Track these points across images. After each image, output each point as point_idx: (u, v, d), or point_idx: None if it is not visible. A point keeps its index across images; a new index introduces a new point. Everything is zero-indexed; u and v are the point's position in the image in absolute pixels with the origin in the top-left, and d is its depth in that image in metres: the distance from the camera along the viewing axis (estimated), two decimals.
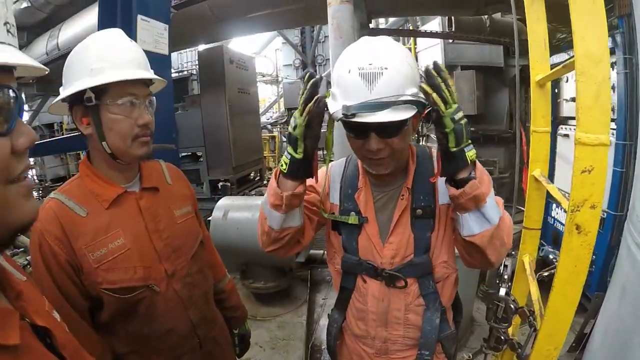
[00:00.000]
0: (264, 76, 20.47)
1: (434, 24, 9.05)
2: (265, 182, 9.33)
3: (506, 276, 2.03)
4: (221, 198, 5.47)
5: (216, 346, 1.95)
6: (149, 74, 1.59)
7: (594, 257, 3.87)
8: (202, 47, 9.03)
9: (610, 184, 3.82)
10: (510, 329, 2.10)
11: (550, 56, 2.37)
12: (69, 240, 1.48)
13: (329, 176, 1.74)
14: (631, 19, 3.49)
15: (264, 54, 20.74)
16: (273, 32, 17.79)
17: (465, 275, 3.66)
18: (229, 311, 2.20)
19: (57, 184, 10.04)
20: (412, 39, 10.67)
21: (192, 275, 1.79)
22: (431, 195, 1.55)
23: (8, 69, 0.75)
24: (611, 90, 3.71)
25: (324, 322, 1.67)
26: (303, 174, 1.44)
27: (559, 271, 1.61)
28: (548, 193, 2.27)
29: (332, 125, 1.50)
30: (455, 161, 1.28)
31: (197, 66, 9.44)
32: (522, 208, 2.63)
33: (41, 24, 8.00)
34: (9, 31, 1.64)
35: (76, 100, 1.51)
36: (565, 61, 1.85)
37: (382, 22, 12.91)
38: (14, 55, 0.74)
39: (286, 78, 18.11)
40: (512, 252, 2.49)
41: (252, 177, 9.57)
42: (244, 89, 8.48)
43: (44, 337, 0.90)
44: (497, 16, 7.29)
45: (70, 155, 13.21)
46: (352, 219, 1.59)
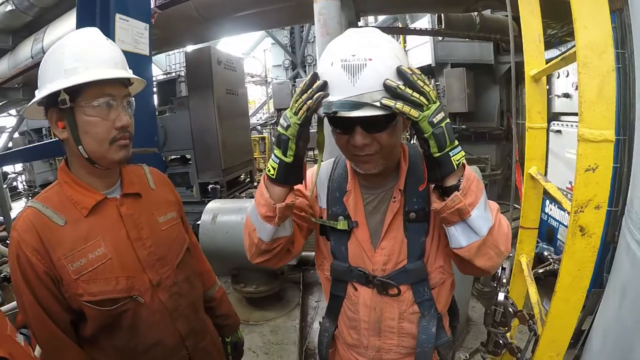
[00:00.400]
0: (252, 77, 20.42)
1: (424, 21, 9.04)
2: (256, 183, 9.26)
3: (504, 279, 1.97)
4: (211, 201, 5.40)
5: (207, 357, 1.91)
6: (126, 73, 1.53)
7: None
8: (190, 48, 8.94)
9: None
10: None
11: None
12: (47, 251, 1.43)
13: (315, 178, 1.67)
14: (623, 14, 3.48)
15: (253, 54, 20.72)
16: (262, 33, 17.83)
17: (461, 275, 3.61)
18: (220, 319, 2.15)
19: None
20: (401, 37, 10.67)
21: (179, 285, 1.74)
22: (425, 197, 1.46)
23: None
24: None
25: (317, 325, 1.65)
26: (292, 180, 1.36)
27: (562, 276, 1.54)
28: (544, 190, 2.22)
29: (323, 123, 1.42)
30: (440, 167, 1.20)
31: (185, 67, 9.37)
32: (518, 206, 2.58)
33: (26, 27, 7.91)
34: None
35: (51, 103, 1.46)
36: (562, 54, 1.78)
37: (372, 21, 12.95)
38: None
39: (276, 79, 18.07)
40: (510, 255, 2.43)
41: (242, 179, 9.48)
42: (232, 90, 8.40)
43: None
44: (488, 13, 7.27)
45: (59, 160, 13.09)
46: (341, 224, 1.52)
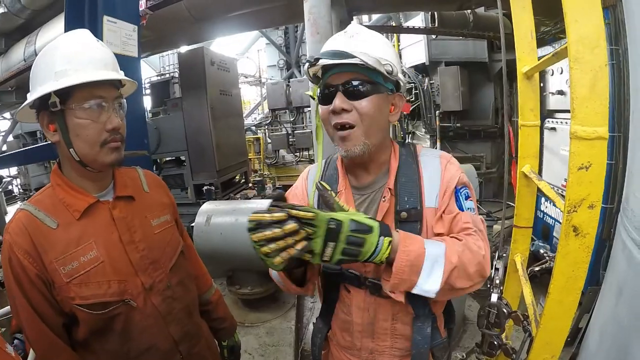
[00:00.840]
0: (247, 77, 20.38)
1: (417, 19, 9.06)
2: (250, 184, 9.23)
3: (497, 280, 1.95)
4: (205, 202, 5.38)
5: None
6: (117, 74, 1.51)
7: None
8: (184, 49, 8.91)
9: None
10: (505, 332, 2.03)
11: None
12: (38, 254, 1.42)
13: (307, 181, 1.69)
14: (617, 10, 3.48)
15: (247, 55, 20.68)
16: (256, 33, 17.80)
17: None
18: (217, 323, 2.13)
19: None
20: (395, 36, 10.68)
21: (172, 288, 1.72)
22: (417, 196, 1.45)
23: None
24: None
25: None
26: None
27: (555, 277, 1.51)
28: (538, 189, 2.20)
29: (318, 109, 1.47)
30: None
31: (178, 69, 9.35)
32: (512, 204, 2.57)
33: (19, 30, 7.87)
34: None
35: (42, 105, 1.45)
36: (555, 50, 1.76)
37: (366, 20, 12.94)
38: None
39: (270, 79, 18.06)
40: (503, 255, 2.42)
41: (237, 180, 9.46)
42: (226, 90, 8.36)
43: None
44: (481, 10, 7.27)
45: (54, 164, 13.02)
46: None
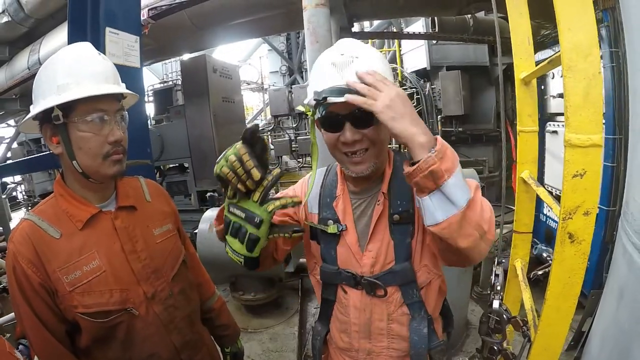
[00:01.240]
0: (249, 84, 20.41)
1: (418, 25, 9.07)
2: None
3: (498, 286, 1.96)
4: (209, 209, 5.40)
5: None
6: (118, 87, 1.53)
7: None
8: (186, 56, 8.95)
9: (602, 179, 3.79)
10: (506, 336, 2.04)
11: (535, 53, 2.32)
12: (42, 263, 1.44)
13: (307, 186, 1.70)
14: (616, 12, 3.48)
15: (249, 62, 20.71)
16: (258, 40, 17.81)
17: (458, 277, 3.62)
18: (220, 330, 2.14)
19: None
20: (396, 41, 10.70)
21: (174, 297, 1.73)
22: (409, 199, 1.47)
23: None
24: None
25: None
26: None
27: (552, 284, 1.52)
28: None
29: (314, 126, 1.47)
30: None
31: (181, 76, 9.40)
32: (513, 207, 2.57)
33: (22, 38, 7.91)
34: None
35: (45, 118, 1.47)
36: (550, 57, 1.78)
37: (367, 25, 12.97)
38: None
39: (273, 85, 18.08)
40: (503, 260, 2.43)
41: None
42: (228, 97, 8.39)
43: None
44: (481, 15, 7.28)
45: (58, 171, 13.06)
46: (331, 228, 1.54)
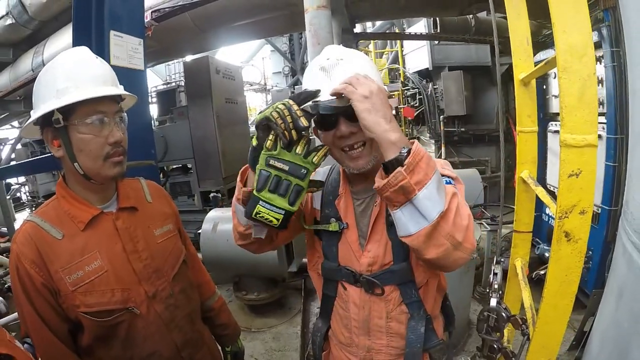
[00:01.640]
0: (252, 85, 20.46)
1: (420, 25, 9.08)
2: None
3: (496, 285, 1.97)
4: (212, 210, 5.42)
5: None
6: (116, 90, 1.56)
7: (590, 252, 3.85)
8: (189, 57, 8.98)
9: (604, 179, 3.80)
10: (506, 336, 2.05)
11: (536, 53, 2.33)
12: (44, 264, 1.47)
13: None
14: (617, 11, 3.48)
15: (252, 63, 20.78)
16: (261, 41, 17.86)
17: (460, 277, 3.64)
18: (220, 329, 2.16)
19: None
20: (398, 42, 10.72)
21: (175, 296, 1.76)
22: None
23: None
24: (600, 84, 3.70)
25: None
26: None
27: (549, 282, 1.54)
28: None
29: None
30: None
31: (184, 77, 9.43)
32: (514, 207, 2.58)
33: (26, 41, 7.95)
34: None
35: (46, 122, 1.49)
36: (545, 59, 1.79)
37: (370, 26, 12.98)
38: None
39: (275, 86, 18.13)
40: (502, 259, 2.44)
41: None
42: (231, 98, 8.40)
43: None
44: (483, 15, 7.29)
45: (60, 173, 13.11)
46: (333, 226, 1.56)
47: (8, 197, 9.89)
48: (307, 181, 1.29)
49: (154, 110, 9.23)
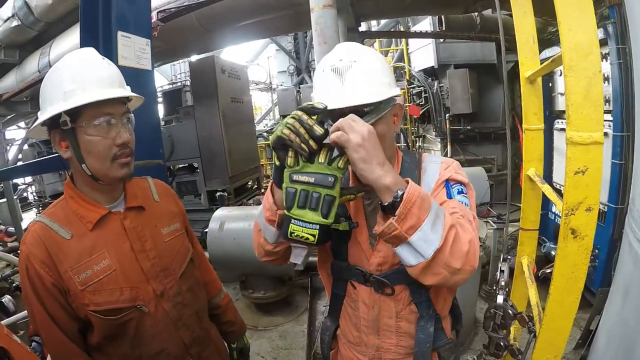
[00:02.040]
0: (257, 84, 20.48)
1: (425, 23, 9.07)
2: (263, 190, 9.29)
3: (503, 282, 1.97)
4: (219, 208, 5.44)
5: None
6: (123, 91, 1.55)
7: (596, 251, 3.83)
8: (195, 57, 9.01)
9: (610, 176, 3.78)
10: (512, 333, 2.05)
11: (542, 50, 2.32)
12: (54, 263, 1.47)
13: None
14: (622, 8, 3.47)
15: (257, 62, 20.77)
16: (266, 40, 17.85)
17: None
18: (226, 326, 2.17)
19: None
20: (403, 40, 10.69)
21: (182, 295, 1.76)
22: None
23: None
24: (606, 82, 3.68)
25: None
26: None
27: (555, 279, 1.54)
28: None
29: None
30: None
31: (190, 77, 9.46)
32: (520, 205, 2.58)
33: (33, 42, 7.99)
34: None
35: (53, 124, 1.50)
36: (552, 57, 1.79)
37: (374, 24, 12.96)
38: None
39: (281, 85, 18.14)
40: (508, 257, 2.43)
41: (249, 186, 9.52)
42: (237, 98, 8.44)
43: (2, 358, 1.02)
44: (488, 13, 7.27)
45: (68, 172, 13.16)
46: (343, 225, 1.53)
47: (15, 197, 9.95)
48: (338, 188, 1.23)
49: (160, 110, 9.25)
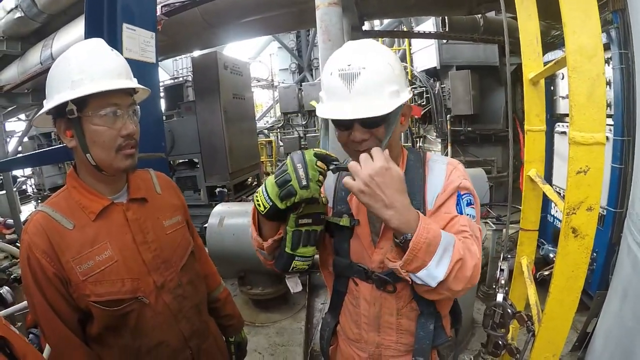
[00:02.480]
0: (259, 81, 20.46)
1: (429, 24, 9.07)
2: None
3: (502, 281, 1.98)
4: (218, 204, 5.44)
5: (210, 358, 1.93)
6: (130, 82, 1.56)
7: (594, 254, 3.85)
8: (197, 53, 9.00)
9: (609, 180, 3.80)
10: (510, 333, 2.06)
11: (545, 53, 2.33)
12: (56, 254, 1.47)
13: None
14: (625, 13, 3.47)
15: (259, 59, 20.75)
16: (268, 37, 17.84)
17: None
18: (225, 320, 2.18)
19: None
20: (406, 40, 10.69)
21: (183, 287, 1.77)
22: (419, 201, 1.50)
23: None
24: (608, 86, 3.70)
25: None
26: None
27: (556, 277, 1.56)
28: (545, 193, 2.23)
29: (326, 128, 1.55)
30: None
31: (192, 72, 9.46)
32: (520, 207, 2.59)
33: (35, 34, 7.95)
34: None
35: (59, 113, 1.49)
36: (555, 59, 1.81)
37: (377, 24, 12.95)
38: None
39: (282, 82, 18.15)
40: (509, 256, 2.44)
41: (249, 183, 9.53)
42: (238, 94, 8.44)
43: (2, 347, 1.02)
44: (492, 15, 7.27)
45: (68, 164, 13.22)
46: (344, 220, 1.56)
47: (14, 190, 9.94)
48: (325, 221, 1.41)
49: (161, 105, 9.25)
